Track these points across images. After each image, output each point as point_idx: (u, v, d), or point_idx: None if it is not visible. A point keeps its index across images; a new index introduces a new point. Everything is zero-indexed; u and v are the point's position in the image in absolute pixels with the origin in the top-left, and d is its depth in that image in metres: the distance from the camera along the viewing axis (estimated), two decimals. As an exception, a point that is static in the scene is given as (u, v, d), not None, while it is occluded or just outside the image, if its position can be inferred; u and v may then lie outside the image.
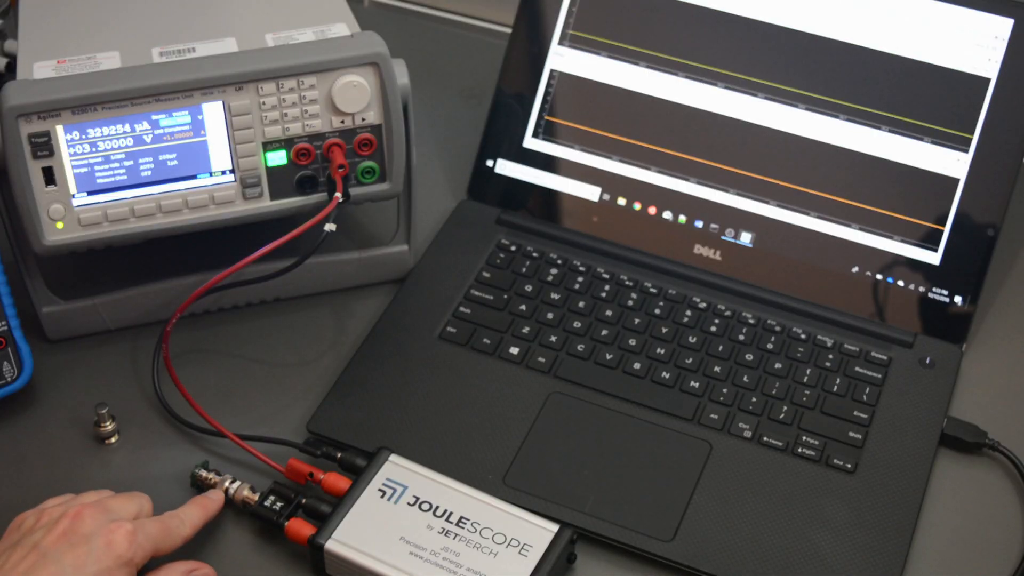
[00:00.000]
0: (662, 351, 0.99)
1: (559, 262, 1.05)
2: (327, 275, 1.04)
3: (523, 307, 1.02)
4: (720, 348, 0.99)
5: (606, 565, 0.86)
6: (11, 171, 0.88)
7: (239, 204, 0.94)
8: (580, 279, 1.04)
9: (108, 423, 0.92)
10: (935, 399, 0.96)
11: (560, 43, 1.09)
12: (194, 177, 0.93)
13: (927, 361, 0.98)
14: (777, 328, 1.00)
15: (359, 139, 0.94)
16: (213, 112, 0.91)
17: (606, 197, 1.08)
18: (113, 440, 0.93)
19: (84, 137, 0.89)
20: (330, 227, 0.91)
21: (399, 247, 1.05)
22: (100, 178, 0.90)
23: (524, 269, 1.05)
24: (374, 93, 0.93)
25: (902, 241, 1.01)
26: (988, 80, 1.00)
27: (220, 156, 0.93)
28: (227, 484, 0.87)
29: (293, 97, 0.92)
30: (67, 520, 0.77)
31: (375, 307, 1.04)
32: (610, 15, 1.08)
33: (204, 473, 0.88)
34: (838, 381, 0.97)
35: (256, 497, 0.86)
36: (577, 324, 1.00)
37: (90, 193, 0.91)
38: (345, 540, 0.82)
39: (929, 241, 1.01)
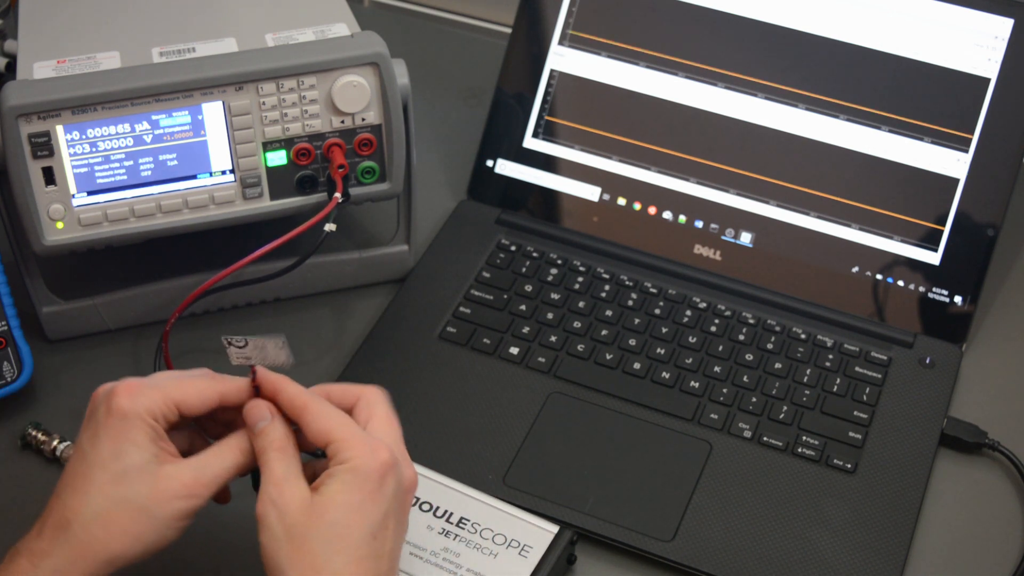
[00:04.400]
0: (662, 351, 0.99)
1: (559, 262, 1.05)
2: (327, 275, 1.04)
3: (523, 307, 1.02)
4: (720, 348, 0.99)
5: (606, 565, 0.86)
6: (11, 171, 0.88)
7: (239, 204, 0.94)
8: (580, 279, 1.04)
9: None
10: (935, 399, 0.96)
11: (560, 43, 1.09)
12: (194, 177, 0.93)
13: (927, 361, 0.98)
14: (777, 328, 1.00)
15: (359, 139, 0.94)
16: (213, 112, 0.91)
17: (606, 197, 1.08)
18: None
19: (84, 137, 0.89)
20: (330, 227, 0.91)
21: (399, 247, 1.05)
22: (100, 178, 0.91)
23: (524, 269, 1.05)
24: (374, 93, 0.93)
25: (902, 241, 1.01)
26: (988, 80, 1.00)
27: (220, 156, 0.93)
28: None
29: (293, 97, 0.92)
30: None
31: (375, 307, 1.04)
32: (610, 15, 1.08)
33: (34, 432, 0.91)
34: (838, 381, 0.97)
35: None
36: (577, 324, 1.00)
37: (90, 193, 0.91)
38: (345, 540, 0.82)
39: (929, 241, 1.01)
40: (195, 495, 0.72)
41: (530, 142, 1.10)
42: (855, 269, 1.02)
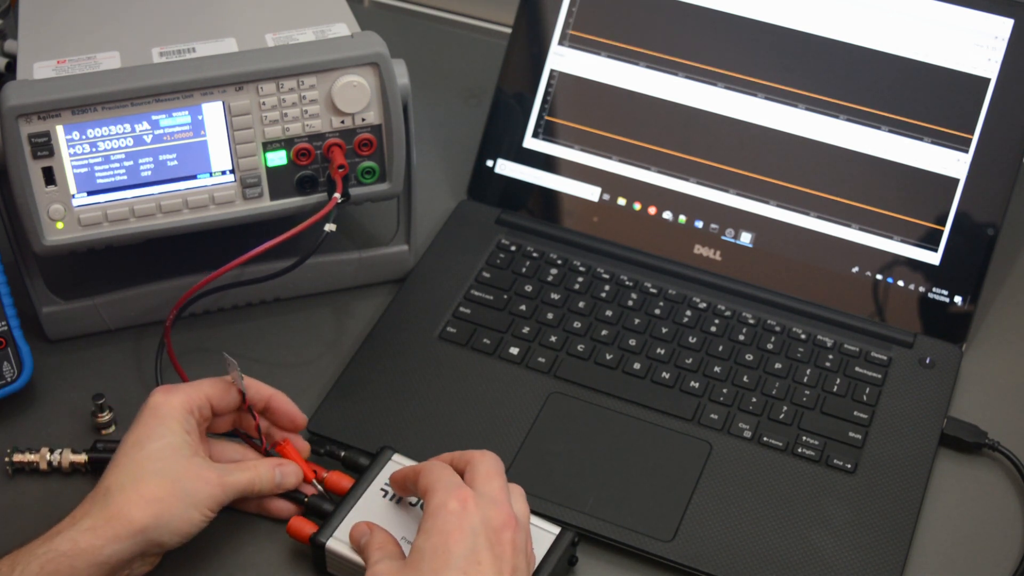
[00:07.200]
0: (662, 351, 0.99)
1: (559, 262, 1.05)
2: (327, 275, 1.04)
3: (523, 307, 1.02)
4: (720, 348, 0.99)
5: (606, 565, 0.86)
6: (11, 171, 0.88)
7: (239, 204, 0.94)
8: (580, 279, 1.04)
9: (105, 414, 0.92)
10: (935, 399, 0.96)
11: (560, 43, 1.09)
12: (194, 177, 0.93)
13: (927, 361, 0.98)
14: (777, 328, 1.00)
15: (359, 139, 0.94)
16: (213, 112, 0.91)
17: (606, 197, 1.08)
18: (111, 431, 0.93)
19: (84, 137, 0.89)
20: (330, 227, 0.91)
21: (399, 247, 1.05)
22: (100, 178, 0.91)
23: (524, 269, 1.05)
24: (374, 93, 0.93)
25: (902, 241, 1.01)
26: (988, 80, 1.00)
27: (220, 156, 0.93)
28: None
29: (293, 97, 0.92)
30: None
31: (375, 307, 1.04)
32: (610, 15, 1.08)
33: (19, 457, 0.90)
34: (838, 381, 0.97)
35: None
36: (577, 324, 1.00)
37: (90, 193, 0.91)
38: (347, 539, 0.82)
39: (929, 241, 1.01)
40: (221, 486, 0.81)
41: (530, 142, 1.10)
42: (855, 269, 1.02)
